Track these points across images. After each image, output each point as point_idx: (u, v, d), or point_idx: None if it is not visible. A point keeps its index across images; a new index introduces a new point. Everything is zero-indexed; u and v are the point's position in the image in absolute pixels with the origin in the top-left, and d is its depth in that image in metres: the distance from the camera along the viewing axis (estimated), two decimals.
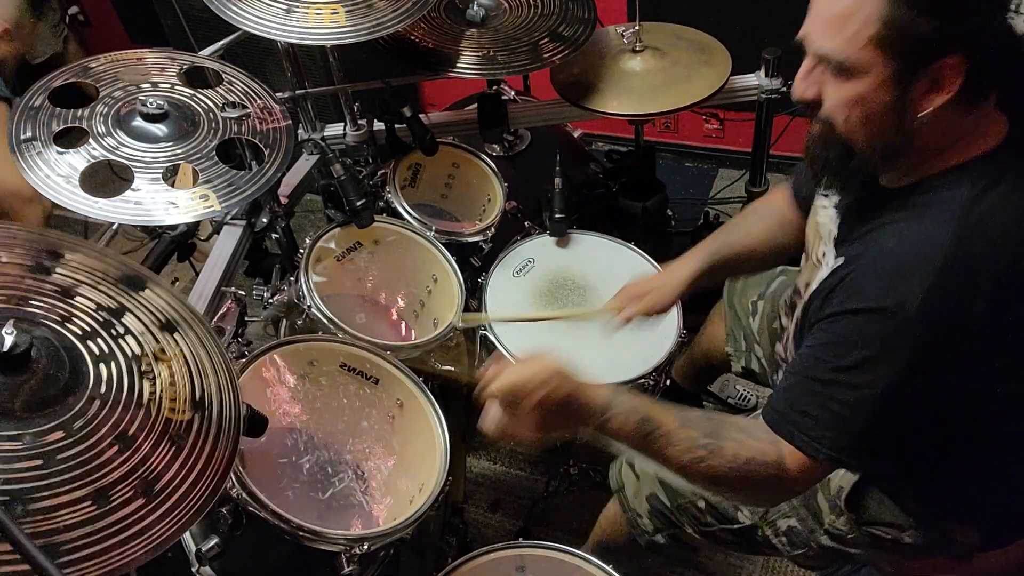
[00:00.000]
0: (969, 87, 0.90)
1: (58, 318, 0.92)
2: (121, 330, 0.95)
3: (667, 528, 1.44)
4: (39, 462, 0.79)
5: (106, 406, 0.87)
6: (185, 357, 0.97)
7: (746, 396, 2.22)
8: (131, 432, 0.86)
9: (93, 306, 0.95)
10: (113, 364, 0.91)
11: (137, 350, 0.94)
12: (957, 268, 0.91)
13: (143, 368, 0.92)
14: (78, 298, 0.95)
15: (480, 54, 1.79)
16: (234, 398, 0.99)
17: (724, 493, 1.11)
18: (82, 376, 0.88)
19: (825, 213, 1.16)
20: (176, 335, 0.99)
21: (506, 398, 1.04)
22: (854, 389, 0.97)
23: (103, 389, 0.88)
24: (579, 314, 1.66)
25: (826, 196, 1.18)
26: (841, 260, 1.05)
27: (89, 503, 0.79)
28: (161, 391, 0.92)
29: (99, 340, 0.92)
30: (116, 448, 0.84)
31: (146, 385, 0.91)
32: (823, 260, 1.11)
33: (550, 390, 1.03)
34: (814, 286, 1.09)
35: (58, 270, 0.97)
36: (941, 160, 0.98)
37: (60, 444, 0.81)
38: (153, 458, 0.86)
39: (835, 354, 0.99)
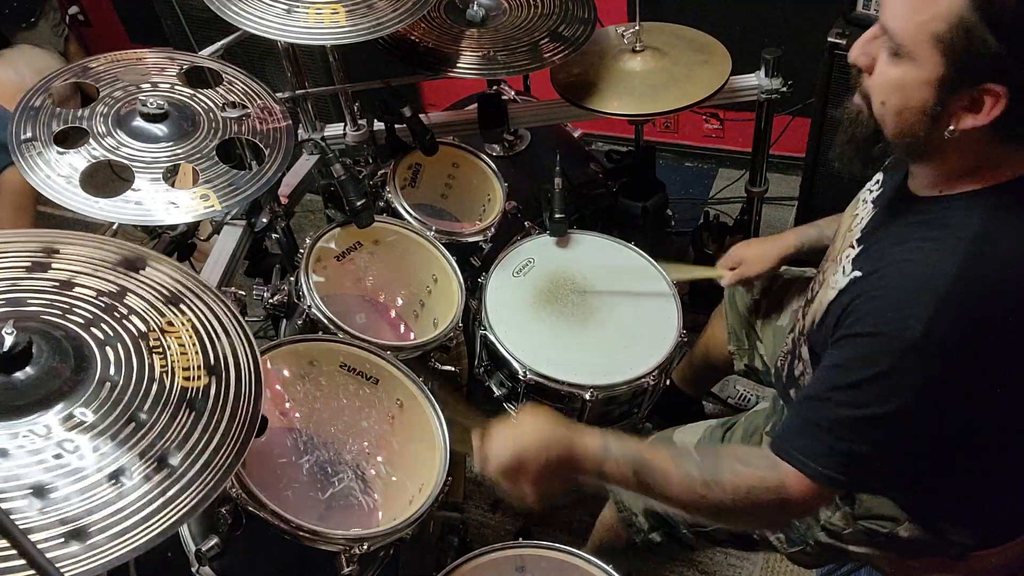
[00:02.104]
0: (1008, 120, 0.89)
1: (59, 311, 0.93)
2: (124, 311, 0.96)
3: (663, 526, 1.44)
4: (56, 451, 0.81)
5: (117, 387, 0.88)
6: (194, 324, 0.98)
7: (746, 396, 2.22)
8: (146, 407, 0.88)
9: (93, 294, 0.96)
10: (120, 345, 0.92)
11: (143, 327, 0.95)
12: (958, 299, 0.91)
13: (151, 344, 0.93)
14: (77, 289, 0.96)
15: (480, 54, 1.79)
16: (252, 356, 1.00)
17: (730, 523, 1.12)
18: (88, 363, 0.89)
19: (864, 208, 1.17)
20: (182, 305, 1.00)
21: (507, 474, 1.07)
22: (847, 408, 0.98)
23: (112, 371, 0.89)
24: (691, 276, 1.82)
25: (870, 191, 1.19)
26: (857, 273, 1.05)
27: (111, 483, 0.81)
28: (172, 362, 0.93)
29: (103, 325, 0.93)
30: (132, 426, 0.86)
31: (156, 359, 0.92)
32: (842, 262, 1.11)
33: (547, 457, 1.06)
34: (832, 294, 1.09)
35: (54, 265, 0.98)
36: (967, 180, 0.98)
37: (75, 431, 0.83)
38: (172, 429, 0.88)
39: (835, 375, 1.00)
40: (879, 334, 0.95)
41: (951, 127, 0.92)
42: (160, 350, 0.93)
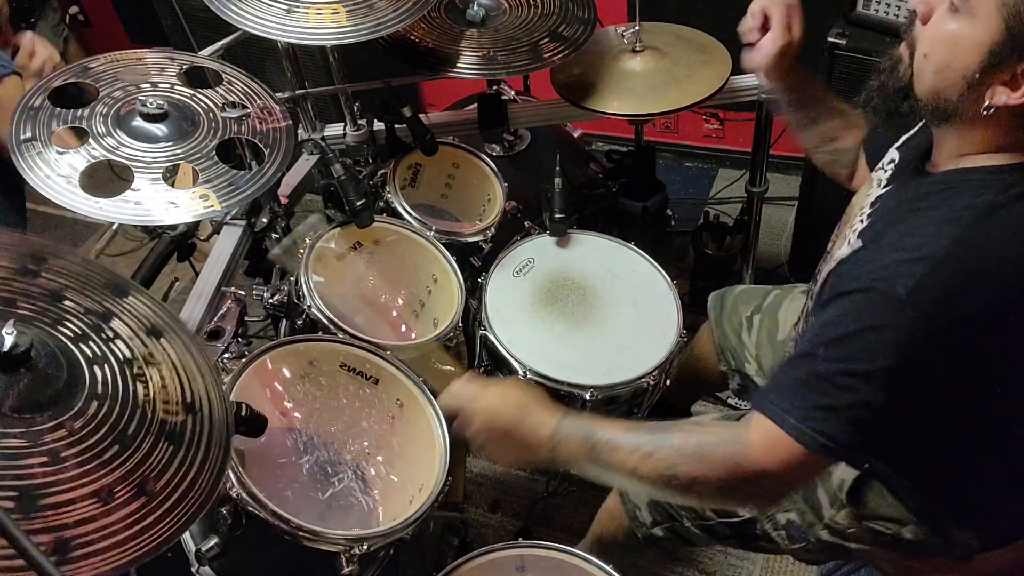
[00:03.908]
0: None
1: (49, 321, 0.92)
2: (111, 334, 0.95)
3: (666, 521, 1.44)
4: (45, 459, 0.81)
5: (104, 406, 0.87)
6: (173, 362, 0.98)
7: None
8: (130, 432, 0.87)
9: (82, 310, 0.95)
10: (107, 366, 0.91)
11: (128, 354, 0.94)
12: (951, 265, 0.91)
13: (135, 371, 0.93)
14: (66, 302, 0.95)
15: (480, 54, 1.79)
16: (222, 402, 0.99)
17: (685, 489, 1.05)
18: (79, 377, 0.88)
19: (876, 186, 1.17)
20: (163, 340, 0.99)
21: (448, 411, 1.13)
22: (832, 362, 0.96)
23: (100, 390, 0.89)
24: None
25: (884, 170, 1.18)
26: (859, 243, 1.05)
27: (95, 500, 0.81)
28: (154, 393, 0.93)
29: (91, 343, 0.93)
30: (117, 447, 0.85)
31: (139, 387, 0.92)
32: (848, 235, 1.11)
33: (489, 418, 1.12)
34: (832, 264, 1.09)
35: (43, 274, 0.97)
36: (987, 155, 0.98)
37: (64, 442, 0.82)
38: (152, 458, 0.87)
39: (822, 331, 0.99)
40: (868, 290, 0.95)
41: (986, 101, 0.92)
42: (143, 379, 0.93)
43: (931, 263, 0.91)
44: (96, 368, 0.90)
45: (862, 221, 1.10)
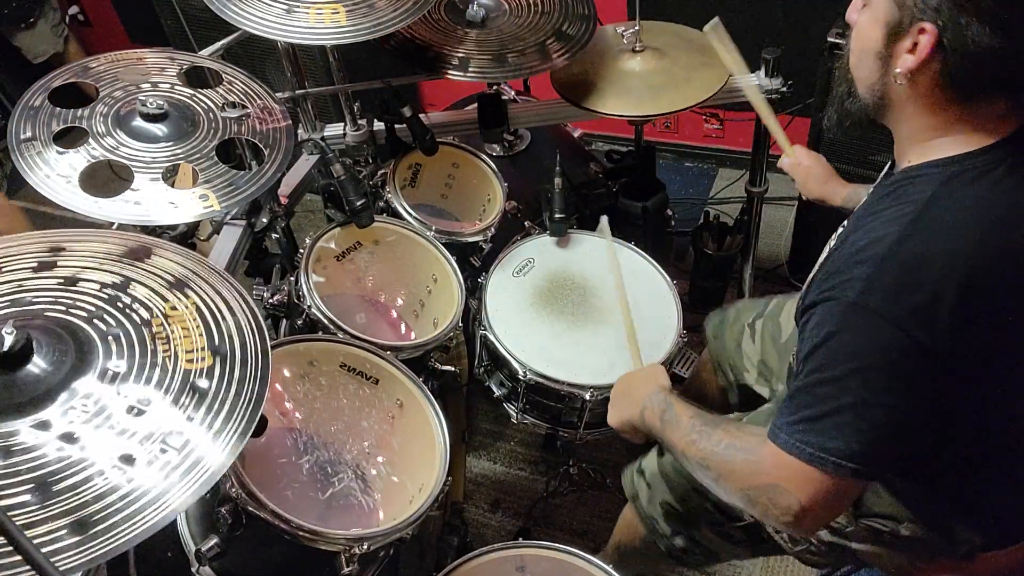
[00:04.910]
0: (947, 68, 0.93)
1: (63, 307, 0.94)
2: (128, 301, 0.97)
3: (685, 529, 1.44)
4: (60, 444, 0.82)
5: (118, 377, 0.89)
6: (198, 306, 0.99)
7: None
8: (147, 394, 0.88)
9: (97, 287, 0.98)
10: (123, 335, 0.93)
11: (146, 315, 0.96)
12: (894, 261, 0.93)
13: (154, 330, 0.95)
14: (81, 283, 0.98)
15: (488, 56, 1.79)
16: (259, 332, 1.01)
17: (715, 482, 1.13)
18: (91, 356, 0.90)
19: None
20: (187, 289, 1.01)
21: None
22: (806, 375, 0.99)
23: (114, 362, 0.90)
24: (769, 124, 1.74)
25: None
26: (827, 252, 1.08)
27: (116, 469, 0.82)
28: (176, 347, 0.94)
29: (106, 316, 0.95)
30: (134, 413, 0.86)
31: (159, 345, 0.93)
32: (829, 246, 1.13)
33: (619, 384, 1.36)
34: (812, 273, 1.11)
35: (60, 263, 0.99)
36: (934, 150, 1.00)
37: (77, 423, 0.84)
38: (175, 412, 0.88)
39: (799, 348, 1.03)
40: (827, 300, 0.98)
41: (897, 68, 0.97)
42: (163, 336, 0.94)
43: (875, 263, 0.93)
44: (111, 340, 0.92)
45: (841, 229, 1.13)
